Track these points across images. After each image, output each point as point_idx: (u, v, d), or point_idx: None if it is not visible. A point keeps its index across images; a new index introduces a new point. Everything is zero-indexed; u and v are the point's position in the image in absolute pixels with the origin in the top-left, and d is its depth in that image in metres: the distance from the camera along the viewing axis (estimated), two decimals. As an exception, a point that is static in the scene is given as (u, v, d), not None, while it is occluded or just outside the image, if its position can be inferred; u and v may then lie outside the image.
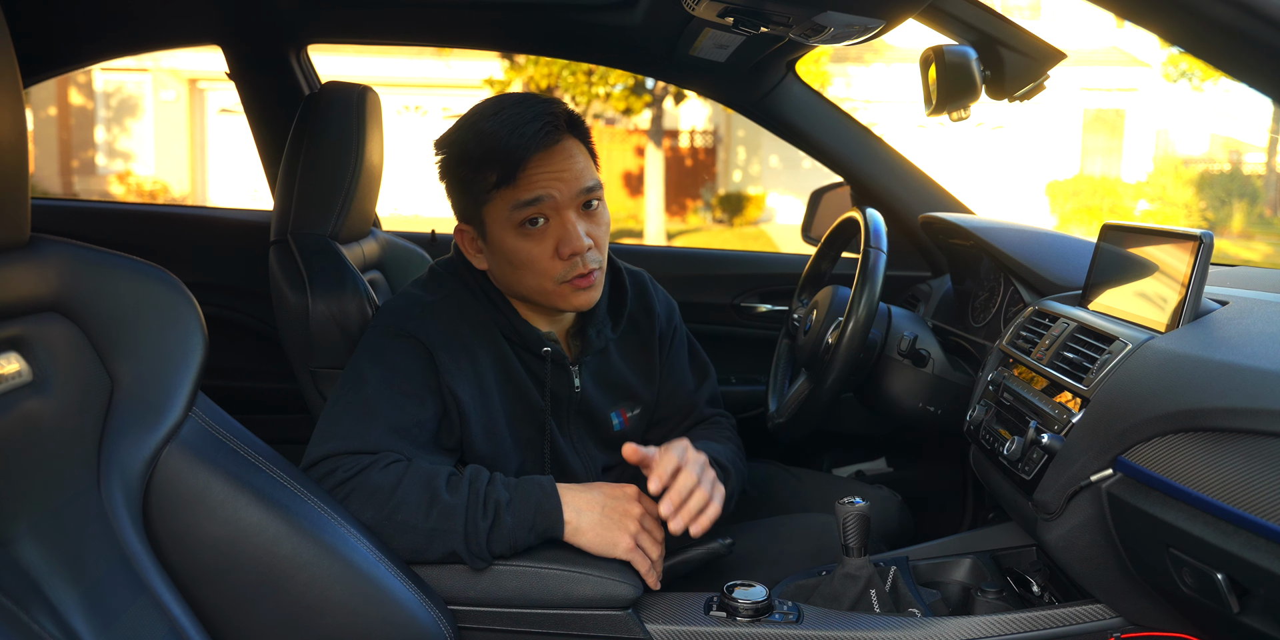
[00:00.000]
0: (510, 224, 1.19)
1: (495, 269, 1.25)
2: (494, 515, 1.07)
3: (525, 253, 1.19)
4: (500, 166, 1.16)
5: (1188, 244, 1.04)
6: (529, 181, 1.17)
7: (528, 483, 1.12)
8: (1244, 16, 0.70)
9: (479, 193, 1.20)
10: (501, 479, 1.12)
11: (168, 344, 0.88)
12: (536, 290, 1.22)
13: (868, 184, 2.06)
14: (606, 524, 1.11)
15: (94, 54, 2.06)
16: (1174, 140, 17.02)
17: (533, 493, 1.11)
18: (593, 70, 11.41)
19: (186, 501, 0.87)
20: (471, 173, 1.19)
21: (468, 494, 1.08)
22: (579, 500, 1.12)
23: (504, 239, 1.20)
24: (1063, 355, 1.16)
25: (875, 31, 1.25)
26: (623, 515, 1.12)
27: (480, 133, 1.18)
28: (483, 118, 1.19)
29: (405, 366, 1.19)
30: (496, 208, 1.19)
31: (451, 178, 1.23)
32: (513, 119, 1.17)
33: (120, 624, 0.77)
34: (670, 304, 1.47)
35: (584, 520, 1.10)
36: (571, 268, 1.20)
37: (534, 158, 1.16)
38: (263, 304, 1.78)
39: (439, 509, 1.06)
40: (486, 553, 1.07)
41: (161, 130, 15.35)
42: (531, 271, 1.20)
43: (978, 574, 1.32)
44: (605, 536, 1.11)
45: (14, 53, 0.73)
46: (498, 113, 1.18)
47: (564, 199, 1.18)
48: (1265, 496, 0.78)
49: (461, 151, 1.20)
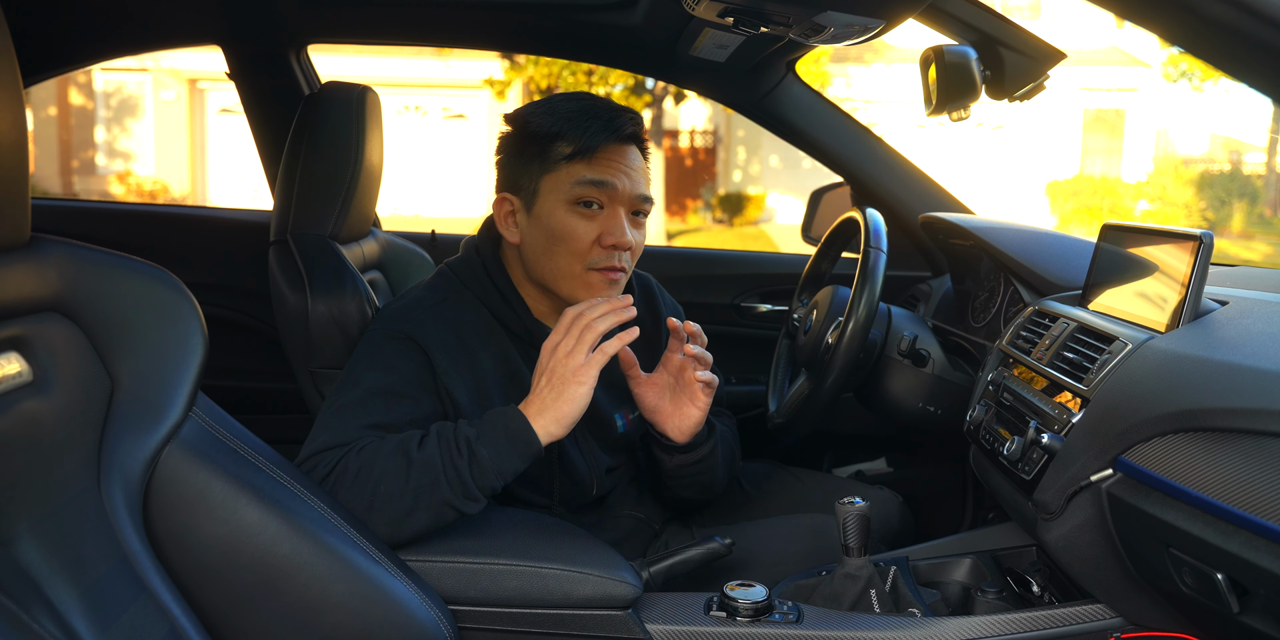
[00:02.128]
0: (568, 198, 1.21)
1: (528, 243, 1.25)
2: (469, 451, 1.07)
3: (570, 229, 1.21)
4: (578, 142, 1.20)
5: (1188, 244, 1.04)
6: (602, 163, 1.21)
7: (491, 413, 1.12)
8: (1244, 16, 0.70)
9: (547, 161, 1.22)
10: (465, 422, 1.12)
11: (168, 344, 0.88)
12: (564, 272, 1.23)
13: (868, 184, 2.06)
14: (559, 391, 1.10)
15: (94, 54, 2.05)
16: (1174, 140, 17.02)
17: (497, 420, 1.10)
18: (593, 70, 11.40)
19: (186, 501, 0.87)
20: (545, 142, 1.22)
21: (438, 444, 1.08)
22: (535, 404, 1.11)
23: (554, 210, 1.21)
24: (1063, 355, 1.16)
25: (875, 31, 1.25)
26: (562, 371, 1.10)
27: (563, 112, 1.22)
28: (566, 100, 1.24)
29: (400, 367, 1.19)
30: (560, 177, 1.21)
31: (517, 147, 1.25)
32: (597, 107, 1.22)
33: (120, 624, 0.77)
34: (677, 309, 1.49)
35: (546, 414, 1.10)
36: (606, 257, 1.22)
37: (610, 145, 1.21)
38: (263, 304, 1.78)
39: (416, 468, 1.07)
40: (475, 491, 1.07)
41: (161, 130, 15.35)
42: (567, 249, 1.22)
43: (978, 574, 1.32)
44: (568, 397, 1.09)
45: (14, 53, 0.73)
46: (582, 98, 1.24)
47: (624, 194, 1.22)
48: (1265, 496, 0.78)
49: (541, 124, 1.22)
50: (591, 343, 1.11)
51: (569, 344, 1.11)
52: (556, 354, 1.12)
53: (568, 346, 1.11)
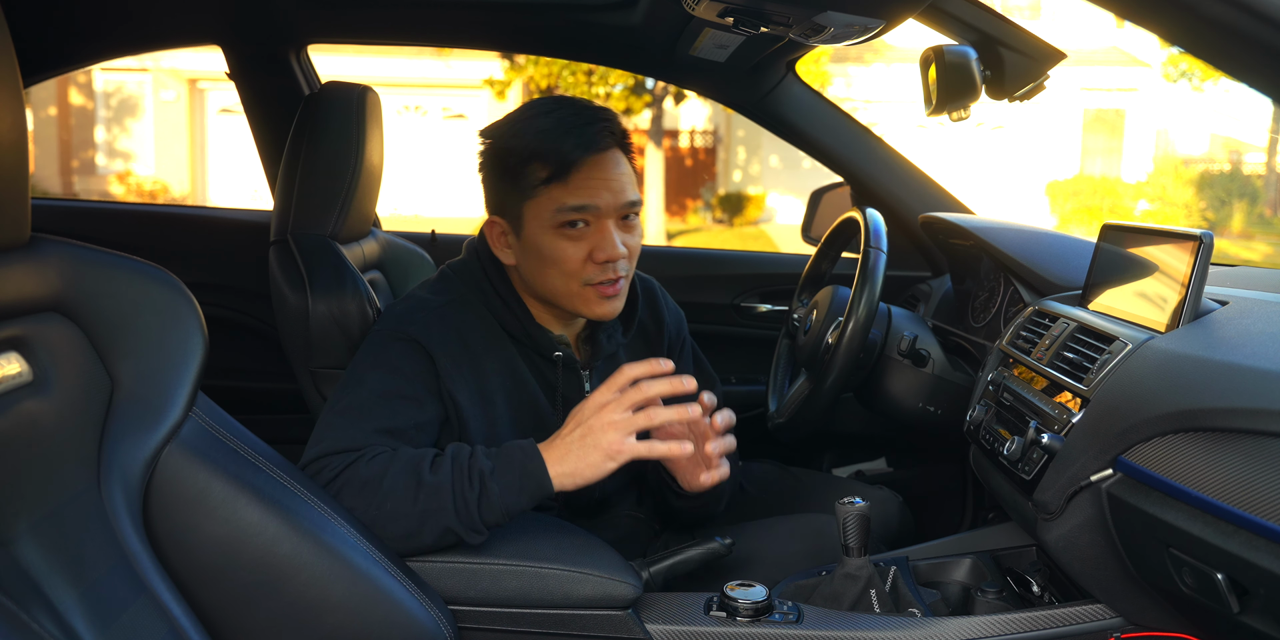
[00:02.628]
0: (551, 224, 1.19)
1: (522, 264, 1.24)
2: (480, 485, 1.06)
3: (560, 252, 1.19)
4: (553, 163, 1.16)
5: (1188, 244, 1.04)
6: (579, 185, 1.17)
7: (509, 448, 1.10)
8: (1244, 16, 0.70)
9: (525, 187, 1.19)
10: (483, 450, 1.10)
11: (168, 344, 0.88)
12: (561, 291, 1.22)
13: (868, 184, 2.06)
14: (586, 451, 1.06)
15: (94, 54, 2.05)
16: (1174, 140, 17.02)
17: (515, 456, 1.08)
18: (593, 70, 11.40)
19: (186, 501, 0.87)
20: (521, 165, 1.19)
21: (451, 470, 1.07)
22: (557, 450, 1.07)
23: (541, 236, 1.20)
24: (1063, 355, 1.16)
25: (875, 31, 1.25)
26: (597, 431, 1.06)
27: (536, 129, 1.18)
28: (538, 113, 1.20)
29: (404, 369, 1.18)
30: (541, 205, 1.19)
31: (495, 168, 1.23)
32: (570, 119, 1.17)
33: (120, 624, 0.77)
34: (679, 315, 1.48)
35: (567, 464, 1.06)
36: (601, 272, 1.20)
37: (587, 160, 1.17)
38: (263, 304, 1.78)
39: (426, 490, 1.06)
40: (480, 524, 1.06)
41: (161, 130, 15.35)
42: (560, 271, 1.20)
43: (978, 574, 1.32)
44: (592, 462, 1.05)
45: (14, 53, 0.73)
46: (553, 111, 1.19)
47: (608, 209, 1.19)
48: (1265, 496, 0.78)
49: (513, 143, 1.19)
50: (635, 403, 1.06)
51: (606, 395, 1.08)
52: (594, 401, 1.08)
53: (605, 397, 1.08)
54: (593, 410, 1.08)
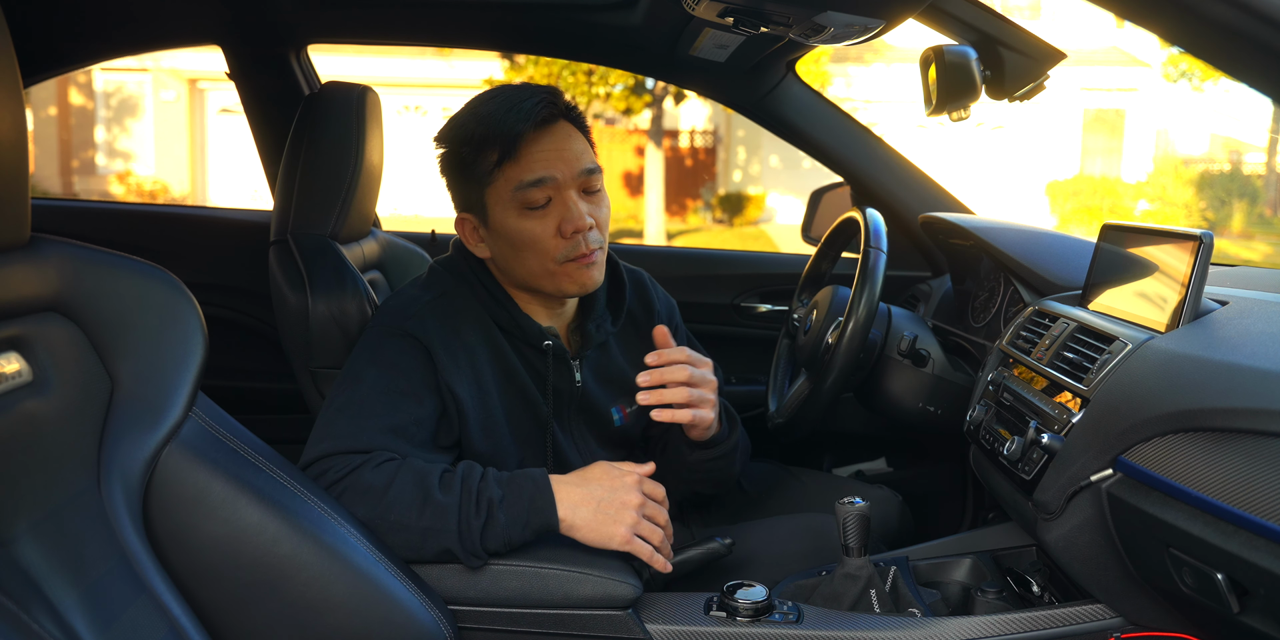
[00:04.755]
0: (513, 205, 1.20)
1: (497, 255, 1.26)
2: (487, 513, 1.07)
3: (528, 232, 1.20)
4: (500, 143, 1.18)
5: (1188, 244, 1.04)
6: (530, 159, 1.19)
7: (521, 478, 1.11)
8: (1244, 16, 0.70)
9: (481, 175, 1.21)
10: (494, 475, 1.11)
11: (168, 344, 0.88)
12: (539, 272, 1.23)
13: (868, 184, 2.06)
14: (601, 519, 1.09)
15: (94, 54, 2.06)
16: (1174, 140, 17.02)
17: (525, 488, 1.09)
18: (593, 70, 11.41)
19: (186, 501, 0.87)
20: (473, 153, 1.21)
21: (460, 492, 1.07)
22: (574, 496, 1.09)
23: (506, 220, 1.21)
24: (1063, 355, 1.16)
25: (875, 31, 1.25)
26: (620, 508, 1.10)
27: (479, 115, 1.20)
28: (481, 102, 1.23)
29: (402, 365, 1.19)
30: (499, 189, 1.21)
31: (452, 163, 1.25)
32: (510, 99, 1.20)
33: (120, 624, 0.77)
34: (670, 302, 1.48)
35: (579, 516, 1.09)
36: (574, 247, 1.21)
37: (533, 133, 1.19)
38: (263, 304, 1.78)
39: (432, 508, 1.06)
40: (481, 551, 1.07)
41: (161, 130, 15.35)
42: (534, 252, 1.21)
43: (978, 574, 1.32)
44: (601, 530, 1.09)
45: (14, 53, 0.73)
46: (495, 97, 1.22)
47: (565, 179, 1.20)
48: (1265, 496, 0.78)
49: (462, 134, 1.21)
50: (644, 513, 1.11)
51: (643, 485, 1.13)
52: (628, 502, 1.11)
53: (630, 482, 1.12)
54: (629, 489, 1.11)
